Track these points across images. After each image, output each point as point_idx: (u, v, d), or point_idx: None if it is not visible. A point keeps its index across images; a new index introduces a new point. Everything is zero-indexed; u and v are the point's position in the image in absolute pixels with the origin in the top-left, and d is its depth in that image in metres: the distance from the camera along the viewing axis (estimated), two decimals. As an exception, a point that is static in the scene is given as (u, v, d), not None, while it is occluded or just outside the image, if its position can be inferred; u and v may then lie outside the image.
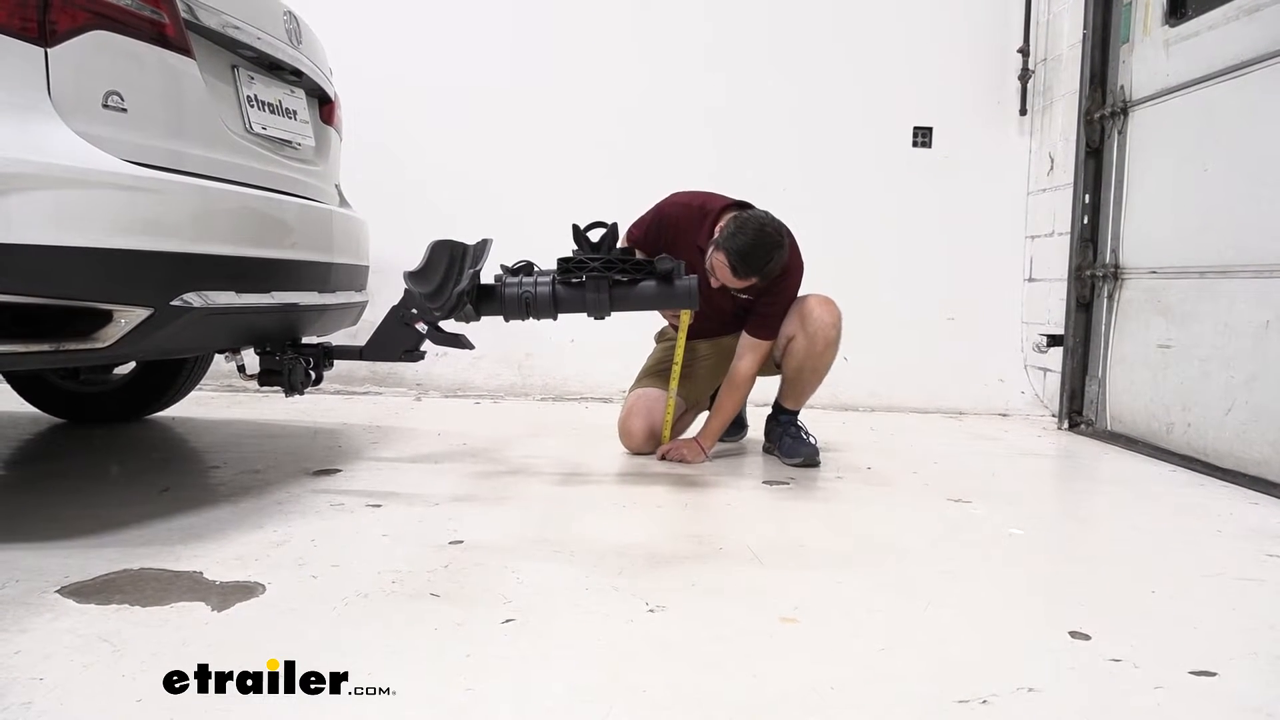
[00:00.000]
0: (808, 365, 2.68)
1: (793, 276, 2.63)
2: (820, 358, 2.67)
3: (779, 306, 2.63)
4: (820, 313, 2.63)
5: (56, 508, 1.99)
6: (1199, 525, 2.16)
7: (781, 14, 4.22)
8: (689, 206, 2.65)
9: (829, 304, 2.66)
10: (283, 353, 2.26)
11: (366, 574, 1.57)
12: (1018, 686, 1.19)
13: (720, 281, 2.46)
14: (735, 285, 2.45)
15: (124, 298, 1.66)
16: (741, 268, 2.38)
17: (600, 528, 1.96)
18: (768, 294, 2.58)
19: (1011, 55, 4.19)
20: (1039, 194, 4.16)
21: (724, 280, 2.44)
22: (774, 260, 2.41)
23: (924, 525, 2.07)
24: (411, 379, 4.18)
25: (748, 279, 2.41)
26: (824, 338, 2.63)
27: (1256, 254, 2.70)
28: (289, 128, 2.29)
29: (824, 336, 2.63)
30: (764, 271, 2.41)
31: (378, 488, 2.24)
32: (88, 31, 1.63)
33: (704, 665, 1.24)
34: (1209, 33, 2.95)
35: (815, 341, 2.63)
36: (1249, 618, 1.50)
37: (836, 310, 2.66)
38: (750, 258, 2.36)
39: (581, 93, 4.24)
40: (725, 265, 2.39)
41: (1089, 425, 3.62)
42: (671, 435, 2.77)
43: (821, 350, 2.65)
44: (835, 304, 2.67)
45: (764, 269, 2.40)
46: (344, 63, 2.87)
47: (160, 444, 2.88)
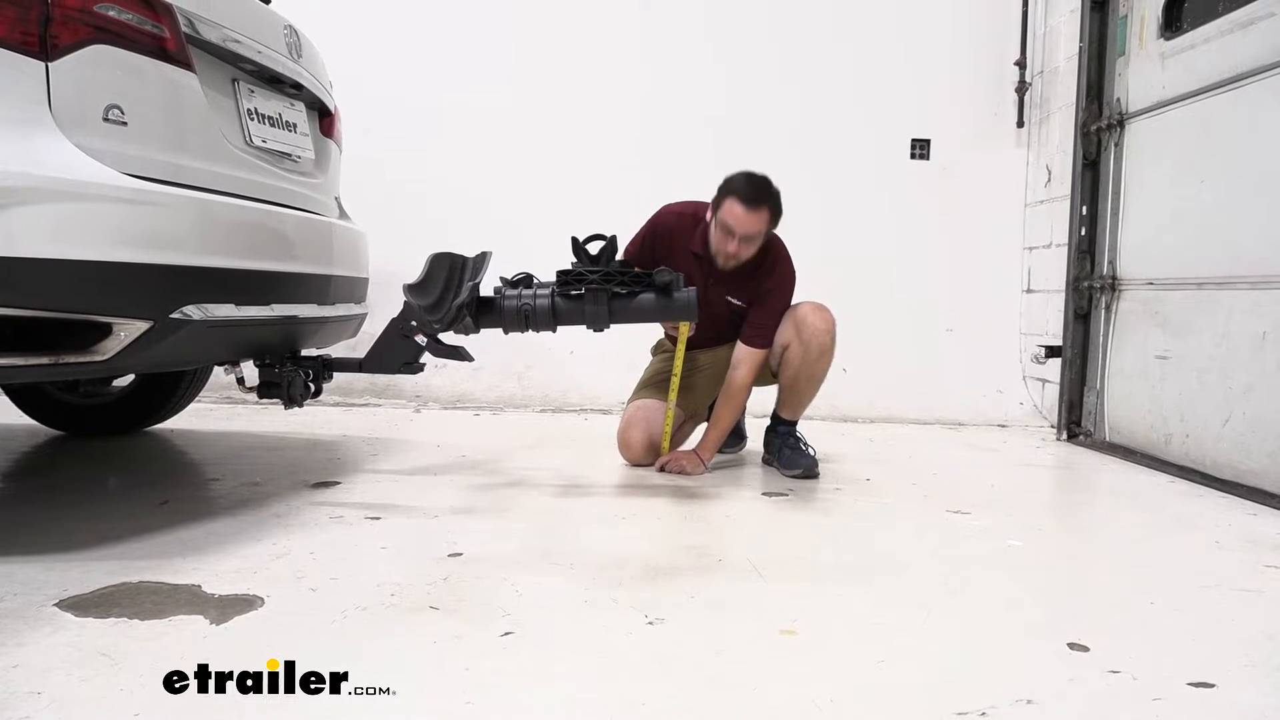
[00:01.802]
0: (803, 373, 2.68)
1: (785, 281, 2.67)
2: (816, 365, 2.67)
3: (773, 313, 2.65)
4: (814, 319, 2.64)
5: (54, 520, 1.99)
6: (1197, 536, 2.16)
7: (781, 28, 4.24)
8: (681, 215, 2.70)
9: (823, 310, 2.67)
10: (282, 365, 2.26)
11: (365, 587, 1.57)
12: (1016, 698, 1.19)
13: (734, 241, 2.48)
14: (749, 229, 2.47)
15: (123, 310, 1.66)
16: (752, 196, 2.45)
17: (599, 540, 1.96)
18: (760, 300, 2.63)
19: (1009, 68, 4.21)
20: (1037, 205, 4.17)
21: (738, 228, 2.46)
22: (777, 196, 2.50)
23: (923, 536, 2.07)
24: (411, 391, 4.18)
25: (759, 210, 2.46)
26: (819, 344, 2.63)
27: (1253, 265, 2.70)
28: (289, 140, 2.30)
29: (819, 343, 2.63)
30: (774, 202, 2.49)
31: (377, 500, 2.24)
32: (88, 45, 1.64)
33: (703, 678, 1.24)
34: (1204, 46, 2.97)
35: (810, 349, 2.64)
36: (1247, 629, 1.50)
37: (830, 317, 2.67)
38: (756, 186, 2.46)
39: (581, 106, 4.26)
40: (736, 204, 2.45)
41: (1087, 436, 3.62)
42: (671, 446, 2.78)
43: (817, 357, 2.65)
44: (829, 310, 2.68)
45: (772, 199, 2.48)
46: (344, 76, 2.88)
47: (159, 456, 2.87)
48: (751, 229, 2.47)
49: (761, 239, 2.54)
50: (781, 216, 2.55)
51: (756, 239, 2.52)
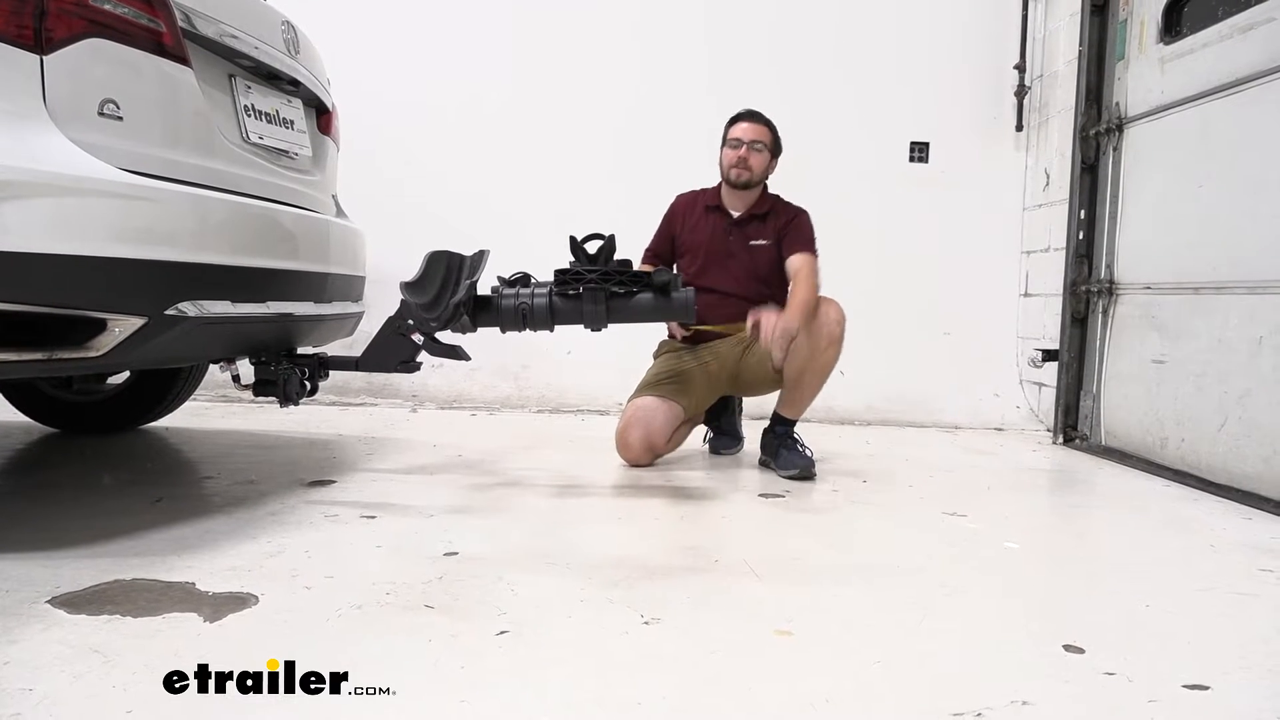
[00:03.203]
0: (810, 365, 2.67)
1: (803, 215, 2.88)
2: (824, 355, 2.66)
3: (803, 236, 2.83)
4: (825, 308, 2.65)
5: (48, 518, 1.98)
6: (1192, 540, 2.17)
7: (781, 27, 4.24)
8: (691, 192, 3.00)
9: (833, 302, 2.68)
10: (278, 363, 2.25)
11: (361, 585, 1.56)
12: (1012, 699, 1.18)
13: (743, 149, 2.77)
14: (753, 135, 2.79)
15: (118, 306, 1.65)
16: (750, 112, 2.83)
17: (595, 540, 1.95)
18: (787, 233, 2.83)
19: (1008, 71, 4.22)
20: (1035, 209, 4.17)
21: (744, 135, 2.78)
22: (775, 126, 2.86)
23: (919, 539, 2.07)
24: (407, 390, 4.17)
25: (759, 122, 2.81)
26: (828, 333, 2.63)
27: (1250, 270, 2.71)
28: (286, 137, 2.29)
29: (828, 332, 2.63)
30: (773, 126, 2.84)
31: (372, 499, 2.24)
32: (84, 39, 1.63)
33: (698, 678, 1.23)
34: (1203, 50, 2.97)
35: (819, 338, 2.63)
36: (1242, 631, 1.50)
37: (840, 308, 2.68)
38: (753, 110, 2.84)
39: (581, 105, 4.25)
40: (740, 120, 2.81)
41: (1083, 440, 3.62)
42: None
43: (825, 346, 2.65)
44: (839, 303, 2.69)
45: (771, 123, 2.83)
46: (342, 74, 2.87)
47: (154, 454, 2.86)
48: (755, 135, 2.78)
49: (766, 150, 2.81)
50: (781, 151, 2.88)
51: (762, 147, 2.79)
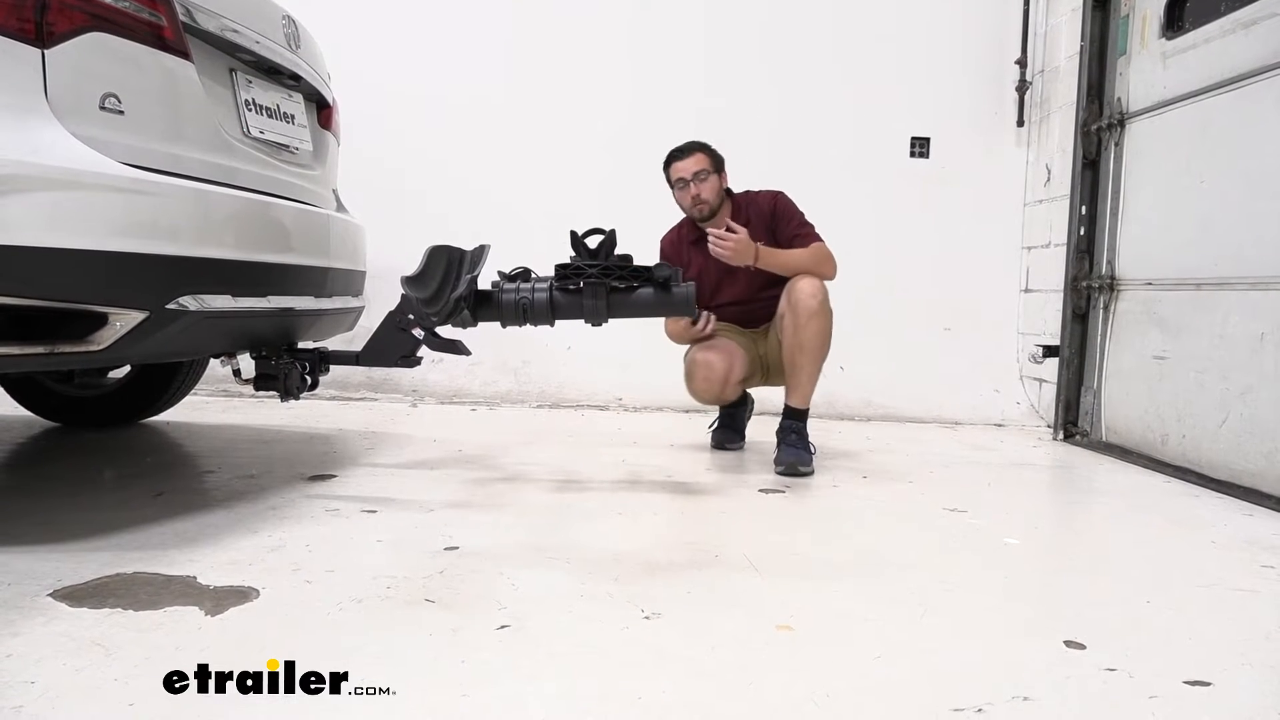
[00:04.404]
0: (796, 342, 2.66)
1: (778, 195, 2.86)
2: (805, 329, 2.64)
3: (793, 219, 2.82)
4: (801, 283, 2.66)
5: (49, 511, 1.98)
6: (1193, 536, 2.17)
7: (779, 20, 4.23)
8: (670, 233, 3.02)
9: (812, 278, 2.68)
10: (278, 357, 2.26)
11: (361, 579, 1.56)
12: (1012, 695, 1.19)
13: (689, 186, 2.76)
14: (690, 169, 2.76)
15: (119, 300, 1.65)
16: (678, 149, 2.80)
17: (596, 535, 1.96)
18: (776, 222, 2.82)
19: (1009, 66, 4.21)
20: (1036, 205, 4.17)
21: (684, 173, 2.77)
22: (705, 143, 2.81)
23: (919, 534, 2.07)
24: (408, 385, 4.17)
25: (689, 154, 2.78)
26: (805, 308, 2.63)
27: (1252, 266, 2.70)
28: (286, 132, 2.29)
29: (805, 306, 2.63)
30: (703, 146, 2.80)
31: (373, 493, 2.24)
32: (85, 33, 1.63)
33: (699, 673, 1.23)
34: (1206, 46, 2.96)
35: (798, 313, 2.63)
36: (1243, 628, 1.50)
37: (819, 283, 2.68)
38: (679, 144, 2.81)
39: (580, 99, 4.25)
40: (672, 162, 2.80)
41: (1084, 436, 3.62)
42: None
43: (805, 320, 2.63)
44: (819, 280, 2.69)
45: (699, 144, 2.80)
46: (343, 69, 2.87)
47: (154, 448, 2.87)
48: (695, 167, 2.76)
49: (712, 175, 2.78)
50: (724, 161, 2.83)
51: (705, 176, 2.77)
